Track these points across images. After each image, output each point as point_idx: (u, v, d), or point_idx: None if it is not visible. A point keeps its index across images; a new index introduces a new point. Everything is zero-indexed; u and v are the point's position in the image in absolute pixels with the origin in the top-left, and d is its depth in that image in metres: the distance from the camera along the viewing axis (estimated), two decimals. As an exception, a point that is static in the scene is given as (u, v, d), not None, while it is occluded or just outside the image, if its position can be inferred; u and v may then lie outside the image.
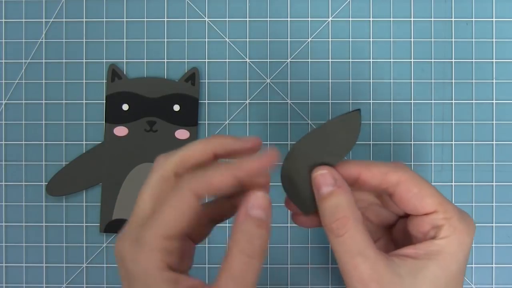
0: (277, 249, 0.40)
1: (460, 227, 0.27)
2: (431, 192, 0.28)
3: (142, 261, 0.25)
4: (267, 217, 0.26)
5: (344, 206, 0.27)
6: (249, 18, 0.41)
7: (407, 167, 0.28)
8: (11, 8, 0.41)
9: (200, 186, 0.26)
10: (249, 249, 0.25)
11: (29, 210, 0.41)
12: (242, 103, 0.40)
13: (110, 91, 0.40)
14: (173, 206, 0.26)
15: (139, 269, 0.25)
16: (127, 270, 0.26)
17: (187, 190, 0.26)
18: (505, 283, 0.40)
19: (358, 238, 0.27)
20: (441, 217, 0.27)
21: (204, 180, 0.26)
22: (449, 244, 0.27)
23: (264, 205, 0.26)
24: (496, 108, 0.40)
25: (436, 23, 0.41)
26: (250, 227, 0.26)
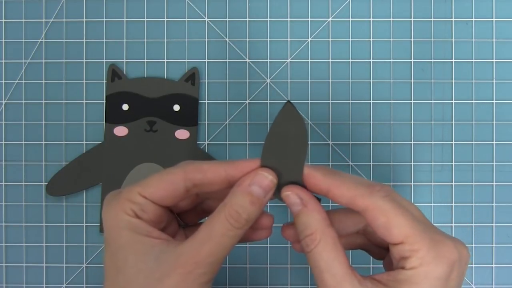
0: (277, 249, 0.40)
1: (428, 259, 0.26)
2: (400, 223, 0.27)
3: (114, 208, 0.27)
4: (264, 197, 0.27)
5: (311, 224, 0.27)
6: (249, 18, 0.41)
7: (384, 191, 0.27)
8: (11, 8, 0.41)
9: (193, 172, 0.28)
10: (235, 219, 0.27)
11: (29, 210, 0.41)
12: (242, 103, 0.40)
13: (110, 91, 0.40)
14: (160, 176, 0.28)
15: (110, 215, 0.27)
16: (103, 219, 0.28)
17: (180, 170, 0.28)
18: (505, 283, 0.40)
19: (325, 254, 0.27)
20: (407, 248, 0.26)
21: (199, 167, 0.28)
22: (414, 275, 0.26)
23: (267, 186, 0.27)
24: (496, 108, 0.40)
25: (436, 23, 0.41)
26: (244, 201, 0.27)
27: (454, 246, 0.27)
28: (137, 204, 0.27)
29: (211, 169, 0.28)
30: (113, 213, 0.27)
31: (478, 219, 0.40)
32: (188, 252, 0.26)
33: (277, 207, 0.40)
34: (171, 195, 0.28)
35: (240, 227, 0.27)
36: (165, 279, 0.26)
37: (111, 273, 0.27)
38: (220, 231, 0.27)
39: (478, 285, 0.40)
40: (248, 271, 0.40)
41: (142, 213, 0.28)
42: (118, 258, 0.27)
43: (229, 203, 0.27)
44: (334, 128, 0.40)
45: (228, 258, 0.40)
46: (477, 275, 0.40)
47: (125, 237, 0.27)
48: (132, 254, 0.27)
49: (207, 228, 0.27)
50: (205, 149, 0.40)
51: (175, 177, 0.28)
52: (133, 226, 0.27)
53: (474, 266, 0.40)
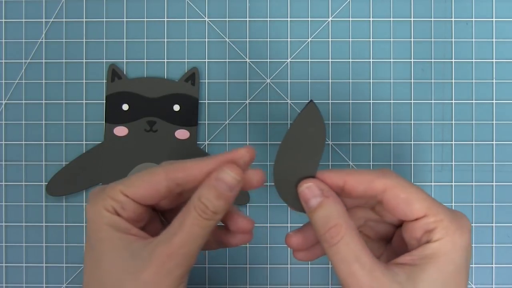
0: (277, 249, 0.40)
1: (453, 227, 0.27)
2: (419, 197, 0.27)
3: (96, 203, 0.28)
4: (230, 192, 0.28)
5: (334, 215, 0.27)
6: (249, 18, 0.41)
7: (394, 173, 0.28)
8: (11, 8, 0.41)
9: (175, 170, 0.28)
10: (202, 210, 0.27)
11: (29, 210, 0.41)
12: (242, 103, 0.40)
13: (110, 91, 0.40)
14: (142, 176, 0.28)
15: (92, 210, 0.28)
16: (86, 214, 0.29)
17: (161, 170, 0.28)
18: (505, 283, 0.40)
19: (353, 245, 0.27)
20: (431, 220, 0.27)
21: (181, 166, 0.28)
22: (442, 246, 0.27)
23: (230, 183, 0.28)
24: (496, 108, 0.40)
25: (436, 23, 0.41)
26: (209, 195, 0.27)
27: (465, 216, 0.28)
28: (118, 202, 0.28)
29: (193, 167, 0.28)
30: (95, 209, 0.28)
31: (478, 219, 0.40)
32: (161, 244, 0.27)
33: (274, 207, 0.40)
34: (152, 194, 0.28)
35: (208, 218, 0.27)
36: (139, 273, 0.26)
37: (90, 267, 0.28)
38: (190, 222, 0.27)
39: (478, 285, 0.40)
40: (248, 271, 0.40)
41: (123, 211, 0.28)
42: (96, 252, 0.28)
43: (197, 195, 0.27)
44: (334, 128, 0.40)
45: (228, 258, 0.40)
46: (477, 275, 0.40)
47: (104, 232, 0.28)
48: (110, 249, 0.27)
49: (178, 220, 0.27)
50: (205, 149, 0.40)
51: (157, 177, 0.28)
52: (113, 222, 0.28)
53: (474, 266, 0.40)
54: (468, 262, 0.28)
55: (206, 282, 0.40)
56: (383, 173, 0.28)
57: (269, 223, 0.40)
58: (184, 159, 0.29)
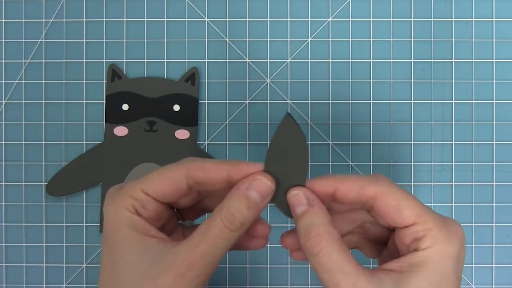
0: (277, 249, 0.40)
1: (442, 236, 0.26)
2: (409, 204, 0.27)
3: (115, 203, 0.28)
4: (261, 202, 0.27)
5: (317, 224, 0.27)
6: (249, 18, 0.41)
7: (387, 180, 0.28)
8: (11, 8, 0.41)
9: (195, 168, 0.28)
10: (230, 222, 0.27)
11: (29, 210, 0.41)
12: (242, 103, 0.40)
13: (110, 91, 0.40)
14: (162, 173, 0.28)
15: (111, 210, 0.28)
16: (104, 213, 0.28)
17: (182, 166, 0.28)
18: (505, 283, 0.40)
19: (335, 255, 0.26)
20: (420, 228, 0.27)
21: (201, 165, 0.28)
22: (430, 254, 0.26)
23: (264, 192, 0.27)
24: (496, 108, 0.40)
25: (436, 23, 0.41)
26: (240, 205, 0.27)
27: (458, 224, 0.28)
28: (139, 201, 0.28)
29: (213, 169, 0.28)
30: (114, 209, 0.28)
31: (478, 219, 0.40)
32: (183, 253, 0.26)
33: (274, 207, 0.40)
34: (173, 192, 0.28)
35: (235, 230, 0.27)
36: (159, 279, 0.26)
37: (107, 269, 0.28)
38: (215, 233, 0.26)
39: (478, 285, 0.40)
40: (248, 271, 0.40)
41: (143, 210, 0.28)
42: (115, 254, 0.27)
43: (226, 206, 0.27)
44: (334, 128, 0.40)
45: (228, 258, 0.40)
46: (477, 275, 0.40)
47: (123, 234, 0.27)
48: (129, 251, 0.27)
49: (202, 230, 0.27)
50: (205, 149, 0.40)
51: (178, 174, 0.28)
52: (133, 223, 0.27)
53: (474, 266, 0.40)
54: (458, 271, 0.27)
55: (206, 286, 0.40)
56: (375, 179, 0.28)
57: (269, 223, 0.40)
58: (205, 158, 0.28)
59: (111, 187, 0.29)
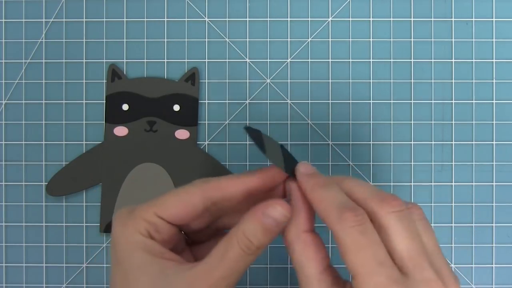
0: (277, 249, 0.40)
1: None
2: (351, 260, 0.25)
3: (128, 226, 0.27)
4: (277, 228, 0.27)
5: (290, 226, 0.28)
6: (249, 18, 0.41)
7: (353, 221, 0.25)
8: (11, 8, 0.41)
9: (212, 191, 0.27)
10: (247, 246, 0.26)
11: (29, 210, 0.41)
12: (242, 103, 0.40)
13: (110, 91, 0.40)
14: (177, 196, 0.27)
15: (123, 234, 0.27)
16: (113, 236, 0.27)
17: (197, 189, 0.27)
18: (505, 283, 0.40)
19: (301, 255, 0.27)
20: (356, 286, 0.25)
21: (217, 185, 0.28)
22: None
23: (279, 219, 0.27)
24: (496, 108, 0.40)
25: (436, 23, 0.41)
26: (256, 230, 0.26)
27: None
28: (153, 225, 0.27)
29: (229, 185, 0.28)
30: (127, 233, 0.27)
31: (478, 219, 0.40)
32: (201, 276, 0.26)
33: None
34: (189, 215, 0.28)
35: (252, 253, 0.27)
36: None
37: None
38: (232, 257, 0.26)
39: (478, 285, 0.40)
40: (248, 271, 0.40)
41: (157, 233, 0.27)
42: (131, 279, 0.27)
43: (242, 230, 0.27)
44: (334, 128, 0.40)
45: (228, 258, 0.40)
46: (477, 275, 0.40)
47: (138, 258, 0.27)
48: (145, 276, 0.26)
49: (219, 252, 0.27)
50: (205, 149, 0.40)
51: (194, 197, 0.28)
52: (147, 247, 0.27)
53: (474, 266, 0.40)
54: None
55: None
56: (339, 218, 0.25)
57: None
58: (217, 177, 0.28)
59: (120, 210, 0.28)
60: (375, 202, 0.26)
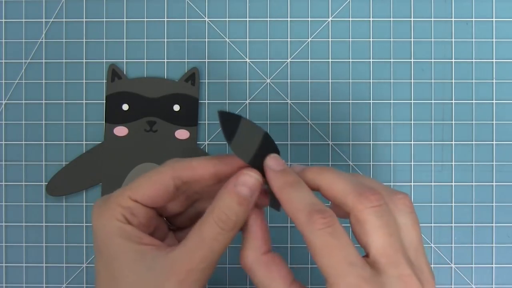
0: (277, 249, 0.40)
1: None
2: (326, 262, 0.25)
3: (104, 214, 0.27)
4: (251, 197, 0.27)
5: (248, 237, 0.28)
6: (249, 18, 0.41)
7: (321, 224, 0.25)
8: (11, 8, 0.41)
9: (182, 169, 0.28)
10: (224, 222, 0.26)
11: (29, 210, 0.41)
12: (242, 103, 0.40)
13: (110, 91, 0.40)
14: (148, 177, 0.28)
15: (100, 222, 0.27)
16: (92, 226, 0.28)
17: (168, 168, 0.28)
18: (505, 283, 0.40)
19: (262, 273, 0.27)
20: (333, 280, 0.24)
21: (187, 164, 0.28)
22: None
23: (252, 185, 0.27)
24: (496, 108, 0.40)
25: (436, 23, 0.41)
26: (231, 202, 0.26)
27: None
28: (128, 209, 0.27)
29: (200, 166, 0.28)
30: (104, 220, 0.27)
31: (478, 219, 0.40)
32: (180, 259, 0.26)
33: (277, 207, 0.40)
34: (161, 195, 0.28)
35: (230, 230, 0.27)
36: None
37: (105, 281, 0.27)
38: (210, 236, 0.26)
39: (478, 285, 0.40)
40: (248, 271, 0.40)
41: (133, 217, 0.27)
42: (113, 267, 0.27)
43: (217, 206, 0.27)
44: (334, 128, 0.40)
45: (228, 258, 0.40)
46: (477, 275, 0.40)
47: (116, 245, 0.27)
48: (125, 263, 0.27)
49: (197, 234, 0.27)
50: (205, 149, 0.40)
51: (164, 176, 0.28)
52: (124, 232, 0.27)
53: (474, 266, 0.40)
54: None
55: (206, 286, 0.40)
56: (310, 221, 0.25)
57: (269, 223, 0.40)
58: (190, 158, 0.28)
59: (97, 200, 0.29)
60: (353, 197, 0.26)
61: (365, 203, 0.25)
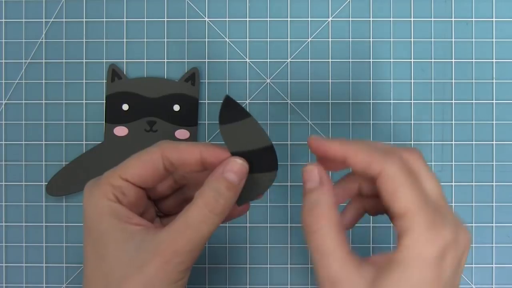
0: (277, 249, 0.40)
1: (423, 239, 0.25)
2: (405, 194, 0.26)
3: (95, 193, 0.28)
4: (239, 183, 0.28)
5: (322, 203, 0.27)
6: (249, 18, 0.41)
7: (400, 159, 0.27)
8: (11, 8, 0.41)
9: (170, 150, 0.28)
10: (212, 205, 0.27)
11: (29, 210, 0.41)
12: (242, 103, 0.40)
13: (110, 91, 0.40)
14: (138, 157, 0.28)
15: (91, 201, 0.28)
16: (83, 206, 0.28)
17: (157, 148, 0.28)
18: (505, 283, 0.40)
19: (330, 237, 0.26)
20: (405, 224, 0.26)
21: (175, 146, 0.28)
22: (407, 255, 0.25)
23: (240, 171, 0.28)
24: (496, 108, 0.40)
25: (436, 23, 0.41)
26: (220, 187, 0.27)
27: (452, 228, 0.26)
28: (118, 188, 0.28)
29: (187, 149, 0.28)
30: (95, 199, 0.28)
31: (478, 219, 0.40)
32: (166, 240, 0.27)
33: (274, 207, 0.40)
34: (151, 174, 0.28)
35: (217, 214, 0.27)
36: (144, 267, 0.26)
37: (93, 260, 0.28)
38: (198, 219, 0.27)
39: (478, 285, 0.40)
40: (248, 271, 0.40)
41: (123, 196, 0.28)
42: (99, 245, 0.27)
43: (206, 190, 0.27)
44: (334, 128, 0.40)
45: (228, 258, 0.40)
46: (477, 275, 0.40)
47: (106, 224, 0.27)
48: (113, 242, 0.27)
49: (184, 216, 0.27)
50: (205, 149, 0.40)
51: (154, 155, 0.28)
52: (114, 211, 0.28)
53: (474, 266, 0.40)
54: (439, 281, 0.25)
55: (206, 282, 0.40)
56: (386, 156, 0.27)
57: (269, 223, 0.40)
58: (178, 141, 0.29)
59: (89, 181, 0.29)
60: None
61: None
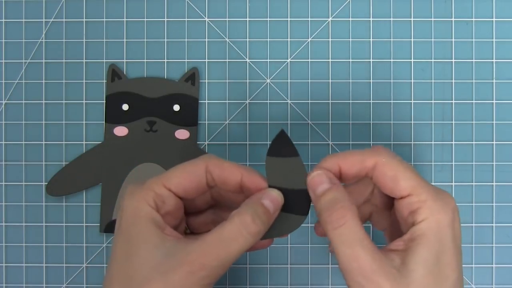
0: (277, 249, 0.40)
1: (436, 207, 0.27)
2: (406, 175, 0.28)
3: (136, 196, 0.28)
4: (273, 212, 0.29)
5: (341, 199, 0.28)
6: (249, 18, 0.41)
7: (386, 150, 0.29)
8: (11, 8, 0.41)
9: (214, 165, 0.29)
10: (248, 224, 0.27)
11: (29, 210, 0.41)
12: (242, 103, 0.40)
13: (110, 91, 0.40)
14: (183, 167, 0.29)
15: (131, 203, 0.28)
16: (122, 207, 0.29)
17: (202, 161, 0.29)
18: (505, 283, 0.40)
19: (357, 228, 0.27)
20: (416, 200, 0.28)
21: (220, 163, 0.29)
22: (428, 226, 0.27)
23: (277, 202, 0.29)
24: (496, 108, 0.40)
25: (436, 23, 0.41)
26: (258, 210, 0.28)
27: (449, 195, 0.28)
28: (160, 196, 0.28)
29: (230, 169, 0.29)
30: (135, 202, 0.28)
31: (478, 219, 0.40)
32: (196, 251, 0.27)
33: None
34: (194, 186, 0.29)
35: (251, 234, 0.27)
36: (169, 274, 0.26)
37: (120, 259, 0.28)
38: (231, 235, 0.27)
39: (478, 285, 0.40)
40: (248, 271, 0.40)
41: (162, 204, 0.28)
42: (131, 245, 0.28)
43: (244, 210, 0.28)
44: (334, 128, 0.40)
45: (228, 258, 0.40)
46: (477, 275, 0.40)
47: (142, 227, 0.28)
48: (144, 244, 0.27)
49: (219, 231, 0.27)
50: (205, 149, 0.40)
51: (198, 168, 0.29)
52: (151, 217, 0.28)
53: (474, 266, 0.40)
54: (456, 240, 0.28)
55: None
56: (374, 150, 0.29)
57: (269, 223, 0.40)
58: (222, 158, 0.30)
59: (132, 184, 0.30)
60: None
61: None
